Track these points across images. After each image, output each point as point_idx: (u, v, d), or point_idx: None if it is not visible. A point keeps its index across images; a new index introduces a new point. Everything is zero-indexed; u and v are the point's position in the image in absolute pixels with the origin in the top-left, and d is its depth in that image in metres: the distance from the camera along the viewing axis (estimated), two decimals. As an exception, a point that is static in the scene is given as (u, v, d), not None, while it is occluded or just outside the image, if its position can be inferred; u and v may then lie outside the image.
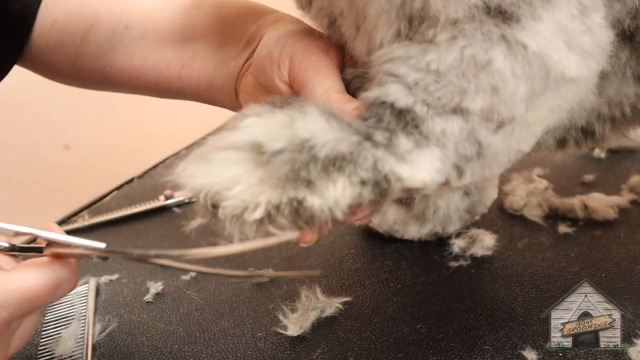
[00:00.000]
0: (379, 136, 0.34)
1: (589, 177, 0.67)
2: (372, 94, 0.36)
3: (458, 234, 0.56)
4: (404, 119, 0.35)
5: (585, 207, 0.60)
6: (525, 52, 0.34)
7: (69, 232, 0.67)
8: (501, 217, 0.61)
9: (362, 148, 0.34)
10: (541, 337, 0.44)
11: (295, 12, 0.47)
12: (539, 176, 0.67)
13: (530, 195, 0.62)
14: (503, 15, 0.34)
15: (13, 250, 0.38)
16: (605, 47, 0.37)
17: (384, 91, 0.35)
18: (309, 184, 0.33)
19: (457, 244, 0.55)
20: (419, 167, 0.34)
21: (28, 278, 0.35)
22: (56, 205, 0.84)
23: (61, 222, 0.69)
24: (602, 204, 0.59)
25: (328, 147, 0.33)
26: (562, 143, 0.48)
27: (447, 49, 0.34)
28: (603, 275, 0.51)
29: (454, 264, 0.53)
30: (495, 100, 0.35)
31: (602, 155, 0.71)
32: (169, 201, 0.69)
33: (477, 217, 0.58)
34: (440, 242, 0.56)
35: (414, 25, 0.35)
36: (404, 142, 0.34)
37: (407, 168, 0.34)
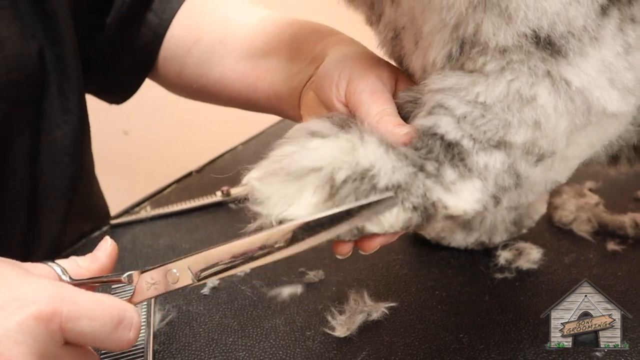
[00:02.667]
0: (430, 166, 0.37)
1: (642, 193, 0.66)
2: (424, 122, 0.38)
3: (504, 246, 0.57)
4: (452, 152, 0.37)
5: (636, 224, 0.60)
6: (568, 89, 0.36)
7: (134, 222, 0.71)
8: (549, 230, 0.61)
9: (416, 177, 0.37)
10: (582, 354, 0.45)
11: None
12: (591, 190, 0.67)
13: (580, 210, 0.62)
14: (552, 49, 0.35)
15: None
16: None
17: (435, 122, 0.38)
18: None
19: (503, 256, 0.56)
20: (461, 197, 0.38)
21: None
22: (115, 188, 0.89)
23: (125, 212, 0.73)
24: (654, 222, 0.59)
25: (386, 178, 0.36)
26: (614, 160, 0.48)
27: (494, 81, 0.36)
28: (650, 295, 0.51)
29: (499, 275, 0.55)
30: (537, 135, 0.37)
31: (658, 171, 0.71)
32: (226, 197, 0.72)
33: (524, 231, 0.59)
34: (486, 253, 0.58)
35: (466, 50, 0.37)
36: (449, 173, 0.37)
37: (451, 198, 0.37)
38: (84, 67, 0.64)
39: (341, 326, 0.49)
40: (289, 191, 0.36)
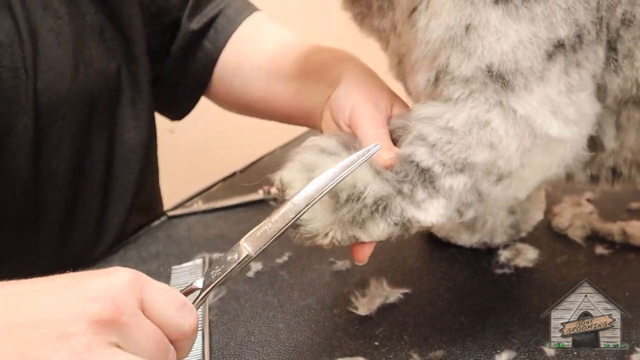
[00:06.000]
0: (406, 188, 0.47)
1: (635, 205, 0.74)
2: (405, 150, 0.49)
3: (505, 246, 0.66)
4: (424, 176, 0.47)
5: (624, 232, 0.68)
6: (514, 116, 0.45)
7: (188, 214, 0.82)
8: (547, 234, 0.70)
9: (394, 200, 0.47)
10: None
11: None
12: (588, 200, 0.75)
13: (575, 217, 0.71)
14: (502, 81, 0.44)
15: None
16: (590, 117, 0.47)
17: (413, 151, 0.48)
18: (362, 224, 0.47)
19: (504, 255, 0.65)
20: (429, 212, 0.48)
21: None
22: (162, 184, 1.00)
23: (180, 205, 0.84)
24: (640, 231, 0.68)
25: (372, 197, 0.47)
26: (594, 179, 0.56)
27: (461, 108, 0.46)
28: (627, 293, 0.60)
29: (499, 271, 0.64)
30: (493, 154, 0.46)
31: (654, 185, 0.78)
32: (267, 196, 0.83)
33: (522, 234, 0.68)
34: (489, 252, 0.67)
35: (440, 77, 0.47)
36: (420, 193, 0.47)
37: (421, 214, 0.48)
38: (151, 86, 0.76)
39: (363, 306, 0.59)
40: None
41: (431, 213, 0.48)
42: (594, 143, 0.52)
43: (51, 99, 0.62)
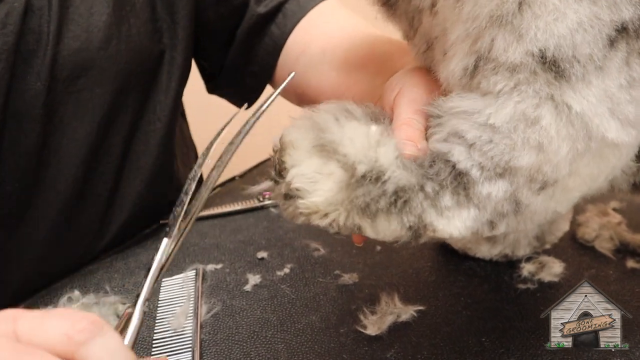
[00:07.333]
0: (429, 187, 0.41)
1: (664, 216, 0.69)
2: (441, 148, 0.42)
3: (528, 259, 0.61)
4: (459, 180, 0.40)
5: (657, 244, 0.63)
6: (569, 113, 0.38)
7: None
8: (572, 246, 0.65)
9: (417, 196, 0.40)
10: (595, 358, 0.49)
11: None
12: (615, 210, 0.70)
13: (602, 228, 0.65)
14: (556, 70, 0.37)
15: None
16: None
17: (450, 150, 0.41)
18: (373, 216, 0.40)
19: (527, 268, 0.60)
20: (451, 222, 0.41)
21: None
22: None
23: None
24: (674, 243, 0.62)
25: (394, 184, 0.40)
26: (637, 188, 0.51)
27: (504, 102, 0.39)
28: (666, 312, 0.54)
29: (521, 286, 0.58)
30: (540, 158, 0.39)
31: (682, 194, 0.73)
32: (267, 202, 0.77)
33: (547, 246, 0.63)
34: (510, 265, 0.61)
35: (479, 66, 0.40)
36: (447, 199, 0.41)
37: (442, 222, 0.41)
38: (217, 73, 0.74)
39: (372, 325, 0.53)
40: (312, 167, 0.40)
41: (454, 224, 0.41)
42: None
43: (70, 67, 0.60)
